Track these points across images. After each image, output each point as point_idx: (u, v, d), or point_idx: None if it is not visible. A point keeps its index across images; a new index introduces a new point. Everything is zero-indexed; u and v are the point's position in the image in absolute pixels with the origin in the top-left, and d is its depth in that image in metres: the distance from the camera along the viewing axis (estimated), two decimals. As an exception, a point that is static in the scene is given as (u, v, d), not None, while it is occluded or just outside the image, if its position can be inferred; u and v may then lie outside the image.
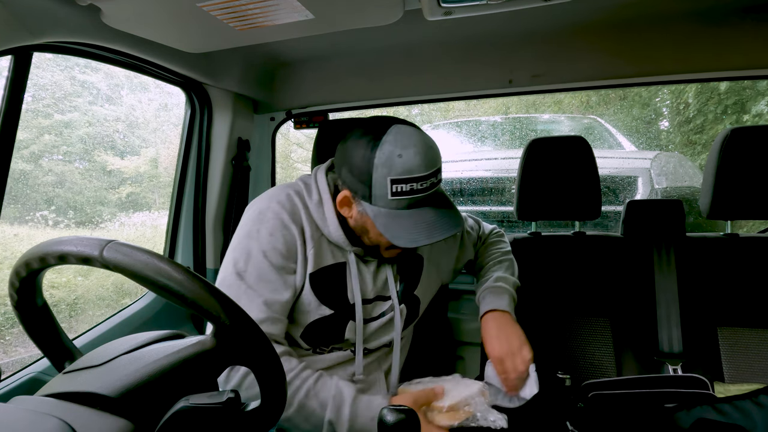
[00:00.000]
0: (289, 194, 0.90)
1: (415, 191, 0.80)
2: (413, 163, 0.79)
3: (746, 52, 1.20)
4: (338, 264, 0.91)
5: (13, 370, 1.00)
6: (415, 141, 0.80)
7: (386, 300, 0.96)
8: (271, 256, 0.85)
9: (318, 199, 0.90)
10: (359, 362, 0.93)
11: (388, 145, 0.79)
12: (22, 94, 0.90)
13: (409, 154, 0.79)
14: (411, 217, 0.81)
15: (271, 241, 0.85)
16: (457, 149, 3.52)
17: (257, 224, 0.87)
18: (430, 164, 0.80)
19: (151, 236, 2.60)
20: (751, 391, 0.94)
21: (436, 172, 0.82)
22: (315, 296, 0.88)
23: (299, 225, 0.88)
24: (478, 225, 1.22)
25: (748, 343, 1.13)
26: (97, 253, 0.50)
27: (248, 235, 0.87)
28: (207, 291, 0.50)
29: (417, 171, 0.79)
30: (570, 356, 1.22)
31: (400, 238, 0.80)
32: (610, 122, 3.64)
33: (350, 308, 0.91)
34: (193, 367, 0.54)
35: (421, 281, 1.02)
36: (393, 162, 0.78)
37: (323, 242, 0.90)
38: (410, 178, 0.79)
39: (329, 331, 0.90)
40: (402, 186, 0.79)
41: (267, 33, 0.99)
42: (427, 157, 0.80)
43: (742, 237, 1.21)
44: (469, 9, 0.88)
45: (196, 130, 1.43)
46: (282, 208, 0.88)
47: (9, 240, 1.75)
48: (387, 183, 0.79)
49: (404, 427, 0.60)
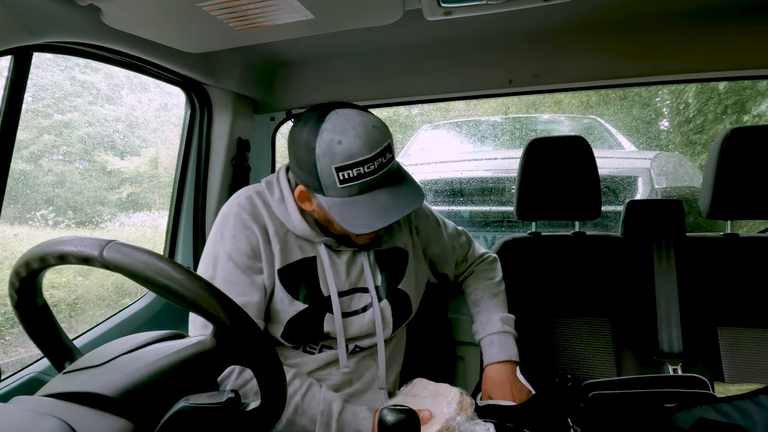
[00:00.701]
0: (249, 195, 0.91)
1: (364, 175, 0.77)
2: (354, 147, 0.76)
3: (746, 52, 1.20)
4: (308, 258, 0.91)
5: (13, 370, 1.00)
6: (354, 124, 0.77)
7: (366, 292, 0.95)
8: (236, 258, 0.86)
9: (280, 196, 0.91)
10: (343, 355, 0.92)
11: (327, 132, 0.77)
12: (22, 94, 0.90)
13: (348, 138, 0.76)
14: (365, 202, 0.79)
15: (234, 243, 0.87)
16: (457, 149, 3.53)
17: (221, 229, 0.89)
18: (374, 145, 0.77)
19: (151, 236, 2.60)
20: (751, 391, 0.94)
21: (384, 151, 0.79)
22: (286, 292, 0.88)
23: (261, 224, 0.89)
24: (469, 246, 1.18)
25: (748, 343, 1.13)
26: (97, 253, 0.50)
27: (213, 241, 0.89)
28: (207, 291, 0.50)
29: (360, 154, 0.76)
30: (570, 356, 1.22)
31: (355, 225, 0.79)
32: (610, 122, 3.64)
33: (325, 301, 0.90)
34: (193, 367, 0.54)
35: (406, 275, 1.00)
36: (333, 149, 0.76)
37: (290, 238, 0.91)
38: (355, 163, 0.76)
39: (307, 326, 0.89)
40: (348, 172, 0.77)
41: (267, 33, 0.99)
42: (369, 137, 0.77)
43: (742, 237, 1.21)
44: (469, 9, 0.88)
45: (196, 130, 1.43)
46: (242, 210, 0.89)
47: (9, 240, 1.75)
48: (333, 172, 0.77)
49: (404, 427, 0.61)
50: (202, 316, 0.51)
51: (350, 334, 0.92)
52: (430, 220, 1.10)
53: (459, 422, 0.83)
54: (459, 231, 1.16)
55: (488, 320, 1.06)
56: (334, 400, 0.85)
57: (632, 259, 1.25)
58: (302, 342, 0.92)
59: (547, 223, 2.17)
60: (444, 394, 0.88)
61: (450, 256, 1.12)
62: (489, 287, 1.12)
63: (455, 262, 1.14)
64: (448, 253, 1.12)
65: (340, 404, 0.85)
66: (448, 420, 0.82)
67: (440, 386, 0.91)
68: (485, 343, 1.04)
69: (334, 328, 0.90)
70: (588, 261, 1.28)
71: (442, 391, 0.89)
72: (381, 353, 0.95)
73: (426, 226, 1.08)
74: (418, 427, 0.62)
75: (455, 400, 0.86)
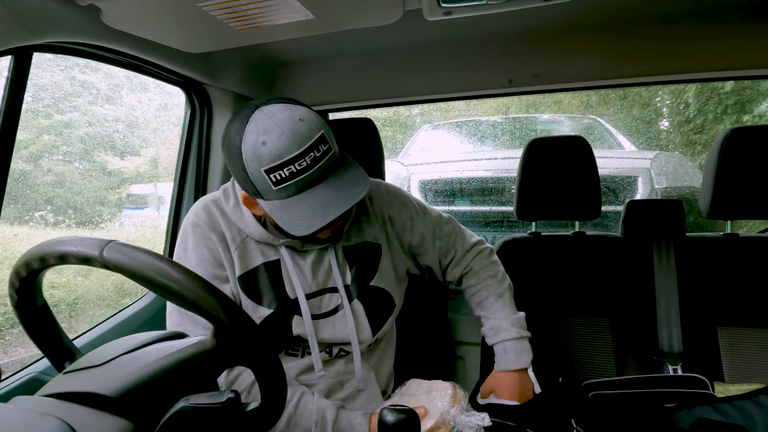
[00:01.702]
0: (205, 204, 0.91)
1: (297, 173, 0.73)
2: (281, 146, 0.72)
3: (746, 52, 1.20)
4: (271, 262, 0.89)
5: (13, 370, 1.00)
6: (277, 120, 0.73)
7: (336, 292, 0.92)
8: (200, 270, 0.86)
9: (235, 202, 0.90)
10: (317, 357, 0.89)
11: (251, 134, 0.73)
12: (22, 94, 0.90)
13: (272, 137, 0.72)
14: (304, 201, 0.76)
15: (197, 255, 0.87)
16: (457, 149, 3.53)
17: (183, 243, 0.89)
18: (302, 140, 0.73)
19: (151, 236, 2.60)
20: (751, 391, 0.94)
21: (316, 145, 0.74)
22: (249, 299, 0.87)
23: (219, 232, 0.88)
24: (456, 235, 1.05)
25: (748, 343, 1.13)
26: (97, 253, 0.50)
27: (177, 256, 0.89)
28: (207, 291, 0.50)
29: (288, 153, 0.72)
30: (570, 356, 1.22)
31: (296, 227, 0.75)
32: (610, 122, 3.64)
33: (292, 303, 0.88)
34: (193, 367, 0.54)
35: (380, 270, 0.95)
36: (259, 152, 0.72)
37: (249, 243, 0.89)
38: (284, 163, 0.72)
39: (276, 330, 0.88)
40: (279, 173, 0.73)
41: (267, 33, 0.99)
42: (295, 133, 0.72)
43: (742, 237, 1.21)
44: (469, 9, 0.88)
45: (196, 130, 1.43)
46: (199, 220, 0.89)
47: (9, 240, 1.75)
48: (263, 175, 0.73)
49: (404, 427, 0.61)
50: (202, 316, 0.51)
51: (324, 337, 0.89)
52: (407, 208, 1.02)
53: (453, 414, 0.84)
54: (444, 219, 1.06)
55: (498, 327, 0.99)
56: (328, 408, 0.84)
57: (632, 259, 1.25)
58: (277, 347, 0.91)
59: (547, 223, 2.17)
60: (437, 389, 0.89)
61: (430, 245, 1.02)
62: (493, 286, 1.03)
63: (438, 252, 1.04)
64: (427, 243, 1.02)
65: (334, 412, 0.83)
66: (443, 414, 0.83)
67: (433, 383, 0.92)
68: (498, 349, 0.99)
69: (304, 330, 0.87)
70: (588, 261, 1.28)
71: (435, 387, 0.90)
72: (356, 355, 0.92)
73: (401, 216, 1.01)
74: (419, 426, 0.62)
75: (448, 393, 0.87)
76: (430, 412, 0.84)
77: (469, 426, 0.83)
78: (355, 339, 0.90)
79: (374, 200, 1.01)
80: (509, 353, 0.97)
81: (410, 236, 1.02)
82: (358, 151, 1.22)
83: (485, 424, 0.83)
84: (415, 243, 1.02)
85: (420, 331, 1.18)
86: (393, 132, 5.60)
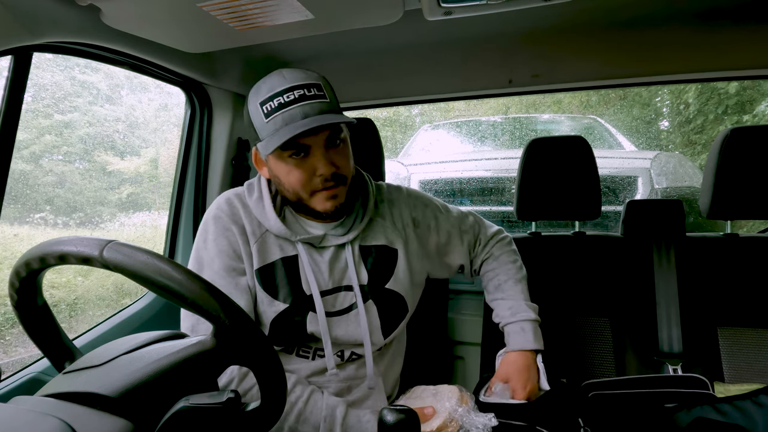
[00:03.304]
0: (228, 198, 0.93)
1: (285, 104, 0.80)
2: (276, 83, 0.81)
3: (746, 52, 1.20)
4: (289, 257, 0.90)
5: (13, 370, 1.00)
6: (283, 71, 0.83)
7: (350, 290, 0.92)
8: (219, 261, 0.87)
9: (258, 196, 0.92)
10: (329, 354, 0.90)
11: (260, 82, 0.84)
12: (22, 94, 0.90)
13: (272, 78, 0.82)
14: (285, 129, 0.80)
15: (216, 246, 0.88)
16: (457, 149, 3.53)
17: (203, 235, 0.90)
18: (295, 79, 0.81)
19: (151, 236, 2.60)
20: (751, 391, 0.94)
21: (308, 86, 0.81)
22: (265, 292, 0.88)
23: (239, 224, 0.90)
24: (479, 225, 1.11)
25: (748, 343, 1.13)
26: (97, 253, 0.50)
27: (197, 247, 0.90)
28: (207, 291, 0.50)
29: (280, 86, 0.81)
30: (570, 356, 1.22)
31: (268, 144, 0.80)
32: (610, 122, 3.64)
33: (307, 300, 0.89)
34: (193, 367, 0.54)
35: (395, 273, 0.96)
36: (259, 90, 0.83)
37: (268, 237, 0.90)
38: (275, 94, 0.80)
39: (290, 326, 0.88)
40: (270, 104, 0.81)
41: (267, 33, 0.99)
42: (293, 76, 0.82)
43: (742, 237, 1.21)
44: (469, 9, 0.88)
45: (196, 130, 1.43)
46: (221, 212, 0.90)
47: (9, 240, 1.75)
48: (258, 109, 0.82)
49: (404, 427, 0.60)
50: (202, 316, 0.51)
51: (337, 335, 0.90)
52: (430, 208, 1.05)
53: (461, 414, 0.84)
54: (465, 213, 1.10)
55: (518, 306, 1.00)
56: (338, 405, 0.84)
57: (632, 259, 1.25)
58: (290, 344, 0.91)
59: (547, 223, 2.17)
60: (444, 392, 0.90)
61: (457, 240, 1.06)
62: (512, 271, 1.06)
63: (468, 245, 1.08)
64: (455, 239, 1.06)
65: (344, 409, 0.84)
66: (451, 413, 0.84)
67: (439, 387, 0.93)
68: (515, 328, 0.99)
69: (317, 328, 0.88)
70: (588, 261, 1.28)
71: (441, 390, 0.91)
72: (368, 355, 0.92)
73: (425, 216, 1.04)
74: (418, 426, 0.62)
75: (455, 395, 0.88)
76: (438, 411, 0.85)
77: (476, 426, 0.83)
78: (367, 338, 0.91)
79: (395, 204, 1.02)
80: (527, 333, 0.97)
81: (437, 235, 1.04)
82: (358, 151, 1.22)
83: (492, 424, 0.83)
84: (443, 241, 1.05)
85: (420, 331, 1.18)
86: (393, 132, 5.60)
